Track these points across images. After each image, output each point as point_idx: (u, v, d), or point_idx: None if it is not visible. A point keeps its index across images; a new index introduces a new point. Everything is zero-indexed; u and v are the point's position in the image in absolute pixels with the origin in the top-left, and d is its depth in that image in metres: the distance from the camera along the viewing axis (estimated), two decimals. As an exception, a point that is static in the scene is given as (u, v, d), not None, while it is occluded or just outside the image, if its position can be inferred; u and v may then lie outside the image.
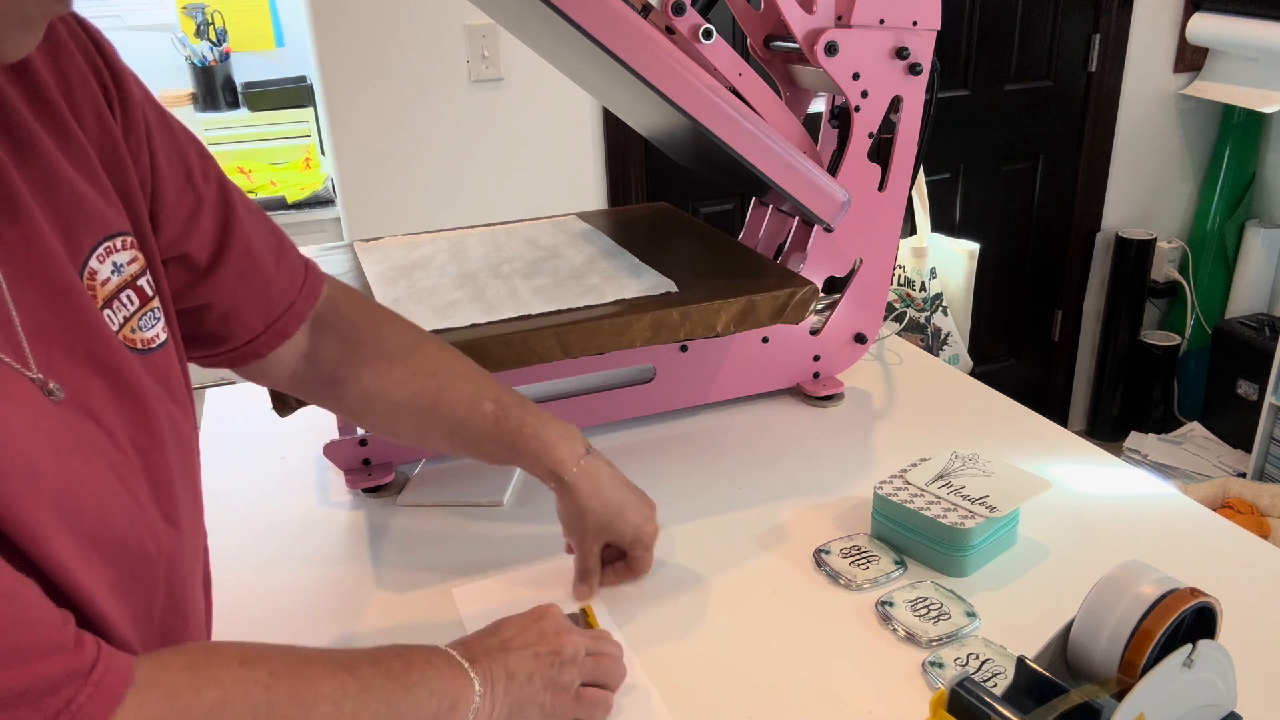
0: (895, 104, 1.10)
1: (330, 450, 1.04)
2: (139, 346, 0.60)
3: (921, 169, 1.44)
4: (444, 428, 0.82)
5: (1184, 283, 2.95)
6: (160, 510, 0.59)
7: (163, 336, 0.63)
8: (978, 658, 0.76)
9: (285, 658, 0.58)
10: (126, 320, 0.59)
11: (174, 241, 0.66)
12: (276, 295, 0.74)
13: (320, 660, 0.59)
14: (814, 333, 1.19)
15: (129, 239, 0.61)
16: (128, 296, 0.60)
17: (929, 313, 2.35)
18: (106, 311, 0.58)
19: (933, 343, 2.38)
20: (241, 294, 0.71)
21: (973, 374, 1.36)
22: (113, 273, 0.58)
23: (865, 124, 1.09)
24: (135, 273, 0.60)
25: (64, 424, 0.53)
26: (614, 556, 0.88)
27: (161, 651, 0.53)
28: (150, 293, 0.62)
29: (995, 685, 0.71)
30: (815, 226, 1.14)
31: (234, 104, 2.60)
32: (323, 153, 2.55)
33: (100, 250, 0.58)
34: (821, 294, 1.10)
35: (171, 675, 0.51)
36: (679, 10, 0.98)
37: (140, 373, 0.59)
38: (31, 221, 0.54)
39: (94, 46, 0.61)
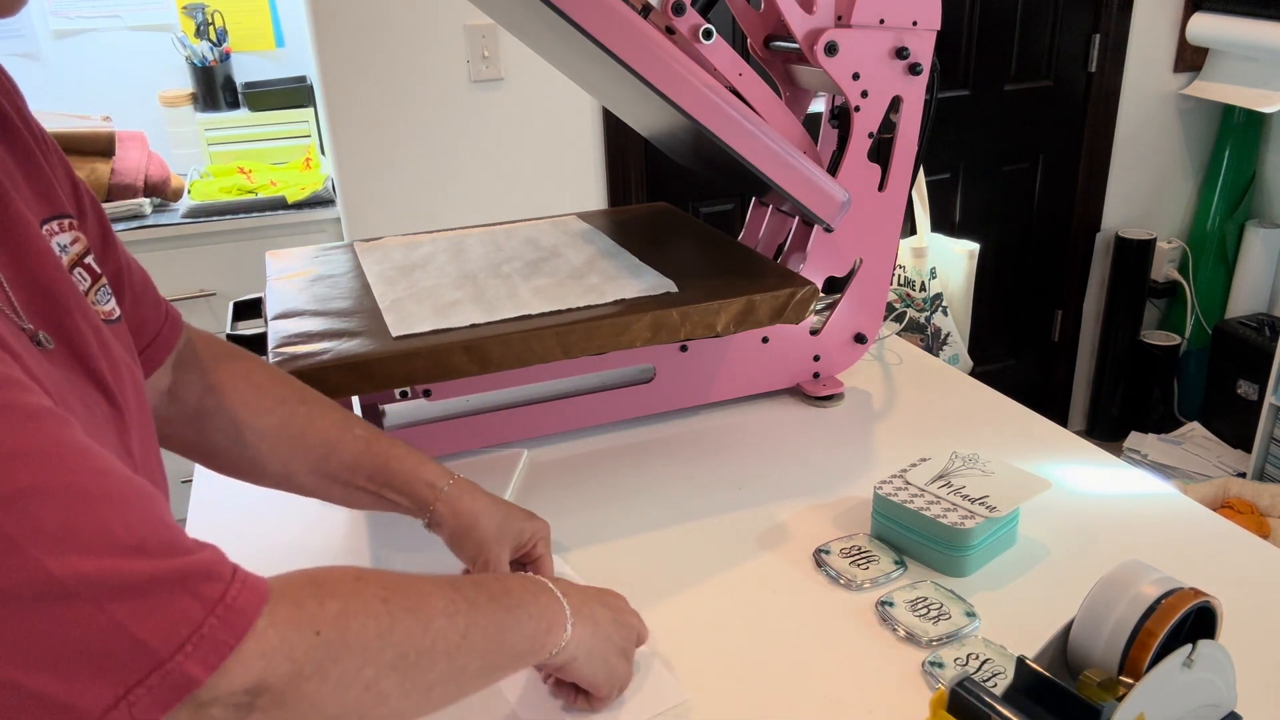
0: (895, 104, 1.10)
1: (330, 450, 1.03)
2: (103, 318, 0.62)
3: (921, 169, 1.44)
4: (313, 455, 0.80)
5: (1184, 283, 2.95)
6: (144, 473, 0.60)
7: (118, 312, 0.65)
8: (978, 658, 0.76)
9: (395, 576, 0.58)
10: (85, 293, 0.61)
11: None
12: (147, 318, 0.73)
13: (428, 579, 0.60)
14: (814, 333, 1.19)
15: (69, 221, 0.62)
16: (79, 273, 0.61)
17: (929, 313, 2.35)
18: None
19: (933, 343, 2.38)
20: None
21: (973, 374, 1.36)
22: (60, 252, 0.60)
23: (865, 124, 1.09)
24: (80, 252, 0.62)
25: (59, 372, 0.54)
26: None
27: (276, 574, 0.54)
28: (99, 271, 0.64)
29: (995, 685, 0.71)
30: (815, 226, 1.14)
31: (234, 104, 2.60)
32: (323, 153, 2.55)
33: (44, 229, 0.59)
34: (821, 294, 1.10)
35: (295, 587, 0.52)
36: (679, 10, 0.98)
37: (111, 338, 0.61)
38: (1, 190, 0.55)
39: None
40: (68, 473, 0.45)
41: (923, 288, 2.34)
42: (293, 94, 2.58)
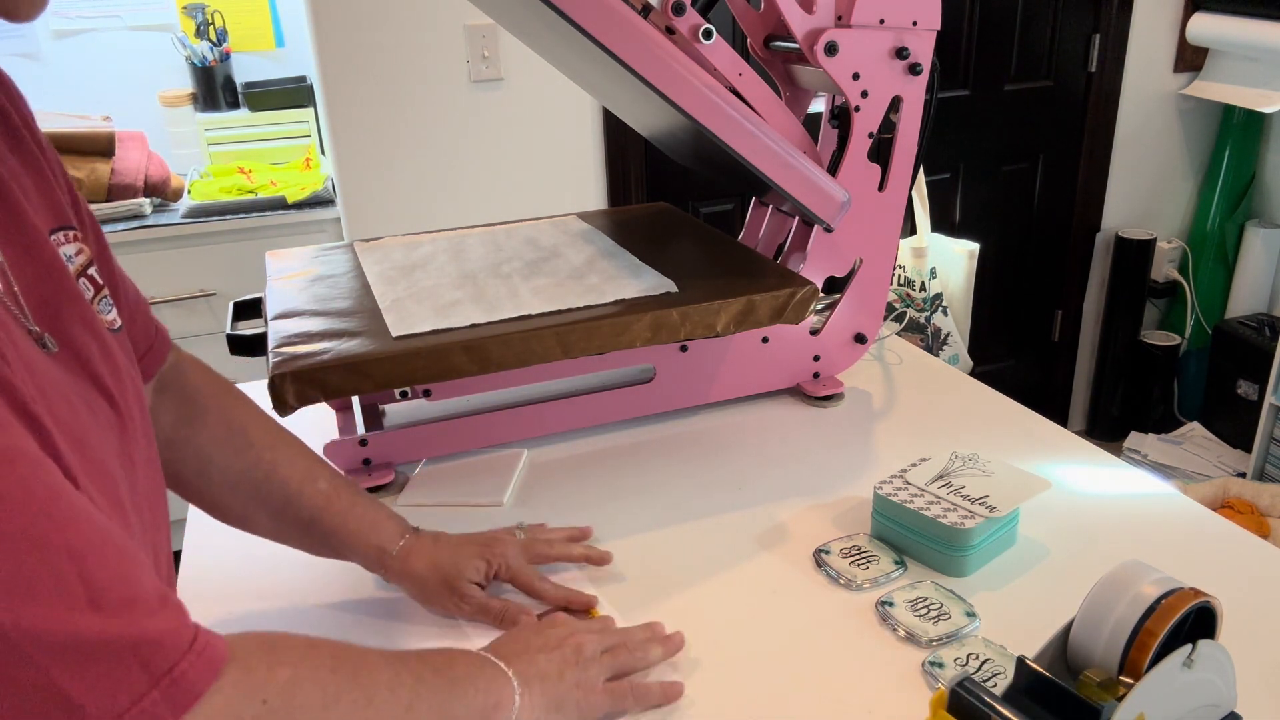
0: (895, 104, 1.10)
1: (330, 450, 1.04)
2: (106, 326, 0.63)
3: (921, 169, 1.44)
4: (273, 504, 0.81)
5: (1184, 283, 2.95)
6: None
7: (120, 322, 0.65)
8: (978, 658, 0.76)
9: (344, 647, 0.60)
10: (90, 302, 0.62)
11: None
12: (138, 335, 0.74)
13: (374, 652, 0.61)
14: (814, 333, 1.19)
15: (73, 233, 0.63)
16: (83, 283, 0.62)
17: (929, 313, 2.35)
18: None
19: (933, 343, 2.38)
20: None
21: (973, 374, 1.36)
22: (67, 262, 0.60)
23: (865, 124, 1.09)
24: (84, 263, 0.63)
25: (62, 374, 0.55)
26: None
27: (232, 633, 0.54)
28: (101, 282, 0.65)
29: (995, 685, 0.71)
30: (815, 226, 1.14)
31: (234, 104, 2.60)
32: (323, 153, 2.55)
33: (51, 240, 0.60)
34: (821, 294, 1.10)
35: (248, 651, 0.52)
36: (679, 10, 0.98)
37: (114, 345, 0.62)
38: (13, 198, 0.56)
39: None
40: (31, 519, 0.44)
41: (923, 288, 2.34)
42: (293, 94, 2.58)
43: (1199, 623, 0.59)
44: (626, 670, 0.75)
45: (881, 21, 1.04)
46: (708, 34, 1.00)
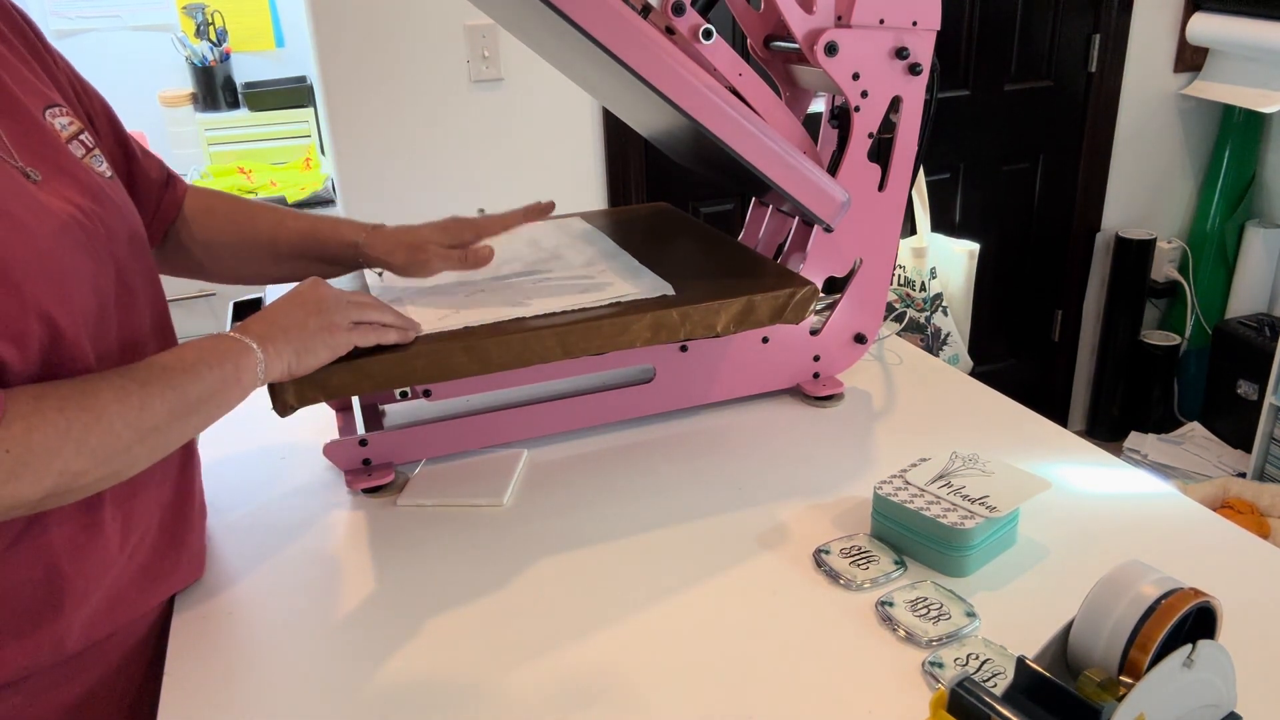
0: (895, 104, 1.10)
1: (330, 450, 1.04)
2: (98, 175, 0.78)
3: (921, 169, 1.44)
4: (263, 255, 1.02)
5: (1184, 283, 2.95)
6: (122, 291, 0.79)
7: (110, 172, 0.81)
8: (977, 658, 0.76)
9: (71, 384, 0.69)
10: (82, 157, 0.77)
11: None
12: (150, 188, 0.97)
13: (99, 376, 0.71)
14: (814, 333, 1.19)
15: (64, 109, 0.79)
16: (75, 144, 0.78)
17: (929, 313, 2.35)
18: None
19: (933, 343, 2.38)
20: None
21: (973, 374, 1.36)
22: (61, 129, 0.77)
23: (865, 124, 1.09)
24: (75, 130, 0.78)
25: (44, 198, 0.70)
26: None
27: None
28: (91, 144, 0.80)
29: (995, 685, 0.71)
30: (815, 226, 1.14)
31: (234, 104, 2.60)
32: (323, 153, 2.55)
33: (46, 114, 0.76)
34: (821, 294, 1.10)
35: None
36: (679, 10, 0.98)
37: (105, 187, 0.77)
38: (2, 81, 0.72)
39: None
40: None
41: (923, 288, 2.34)
42: (293, 94, 2.59)
43: (1199, 623, 0.59)
44: (374, 317, 0.88)
45: (881, 21, 1.04)
46: (708, 34, 1.00)
